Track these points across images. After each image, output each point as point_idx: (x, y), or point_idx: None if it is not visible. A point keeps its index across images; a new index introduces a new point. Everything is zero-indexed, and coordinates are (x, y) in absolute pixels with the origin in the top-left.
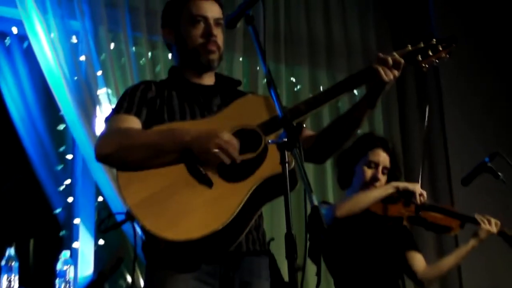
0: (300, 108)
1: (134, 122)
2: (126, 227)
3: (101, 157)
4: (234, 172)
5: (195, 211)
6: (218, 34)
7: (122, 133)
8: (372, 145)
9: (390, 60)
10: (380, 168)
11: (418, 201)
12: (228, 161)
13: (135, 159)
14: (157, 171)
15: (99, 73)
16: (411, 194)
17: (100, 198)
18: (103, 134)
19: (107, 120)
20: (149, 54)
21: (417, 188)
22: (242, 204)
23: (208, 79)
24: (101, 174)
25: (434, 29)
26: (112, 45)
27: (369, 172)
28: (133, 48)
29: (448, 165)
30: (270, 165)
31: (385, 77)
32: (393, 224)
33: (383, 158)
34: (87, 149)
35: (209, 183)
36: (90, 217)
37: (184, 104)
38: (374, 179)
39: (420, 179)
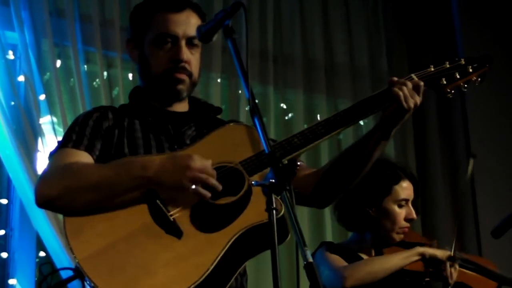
0: (294, 142)
1: (84, 160)
2: (74, 286)
3: (43, 201)
4: (210, 220)
5: (159, 269)
6: (191, 58)
7: (68, 171)
8: (397, 177)
9: (410, 83)
10: (410, 204)
11: (449, 274)
12: (209, 195)
13: (85, 202)
14: (114, 215)
15: (42, 97)
16: (439, 264)
17: (42, 253)
18: (45, 173)
19: (51, 155)
20: (105, 73)
21: (446, 256)
22: (217, 261)
23: (180, 106)
24: (44, 223)
25: (461, 49)
26: (58, 63)
27: (402, 213)
28: (85, 66)
29: (475, 212)
30: (255, 212)
31: (405, 104)
32: (412, 280)
33: (410, 191)
34: (26, 192)
35: (178, 233)
36: (29, 277)
37: (149, 135)
38: (409, 220)
39: (453, 246)
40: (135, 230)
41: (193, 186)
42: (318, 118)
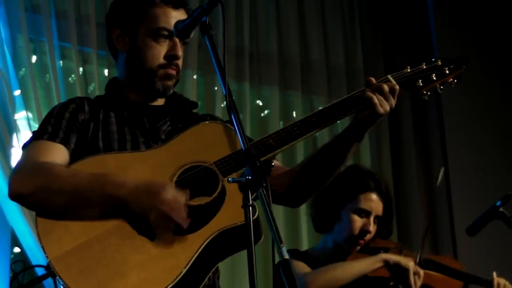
0: (269, 142)
1: (59, 153)
2: (49, 282)
3: (15, 196)
4: None
5: (132, 271)
6: (181, 56)
7: (43, 171)
8: (365, 187)
9: (386, 87)
10: (372, 218)
11: (412, 283)
12: (172, 228)
13: (57, 204)
14: (89, 215)
15: (17, 92)
16: (403, 271)
17: (17, 249)
18: (19, 167)
19: (25, 146)
20: (81, 69)
21: (411, 265)
22: (190, 263)
23: (157, 100)
24: (19, 219)
25: (436, 48)
26: (34, 58)
27: (358, 222)
28: (61, 62)
29: (450, 210)
30: (229, 214)
31: (381, 108)
32: (377, 287)
33: (376, 204)
34: (1, 187)
35: (150, 235)
36: (4, 273)
37: (124, 129)
38: (364, 232)
39: (419, 252)
40: (108, 231)
41: (154, 218)
42: (294, 115)
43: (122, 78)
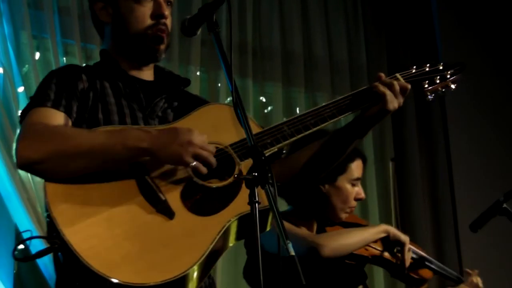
0: (284, 130)
1: (63, 123)
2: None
3: (24, 164)
4: (202, 202)
5: (156, 248)
6: (169, 16)
7: (55, 134)
8: (353, 155)
9: (397, 85)
10: (359, 183)
11: (406, 259)
12: (206, 172)
13: (72, 169)
14: (102, 186)
15: (21, 89)
16: (400, 245)
17: (21, 246)
18: (25, 134)
19: (26, 113)
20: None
21: (407, 240)
22: (212, 245)
23: (147, 73)
24: (23, 216)
25: (440, 46)
26: (37, 55)
27: (353, 192)
28: (64, 59)
29: (454, 205)
30: (246, 200)
31: (390, 105)
32: (357, 264)
33: (361, 170)
34: (5, 184)
35: (169, 213)
36: (8, 270)
37: (121, 101)
38: (359, 199)
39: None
40: (125, 207)
41: (195, 163)
42: (297, 111)
43: (110, 50)
